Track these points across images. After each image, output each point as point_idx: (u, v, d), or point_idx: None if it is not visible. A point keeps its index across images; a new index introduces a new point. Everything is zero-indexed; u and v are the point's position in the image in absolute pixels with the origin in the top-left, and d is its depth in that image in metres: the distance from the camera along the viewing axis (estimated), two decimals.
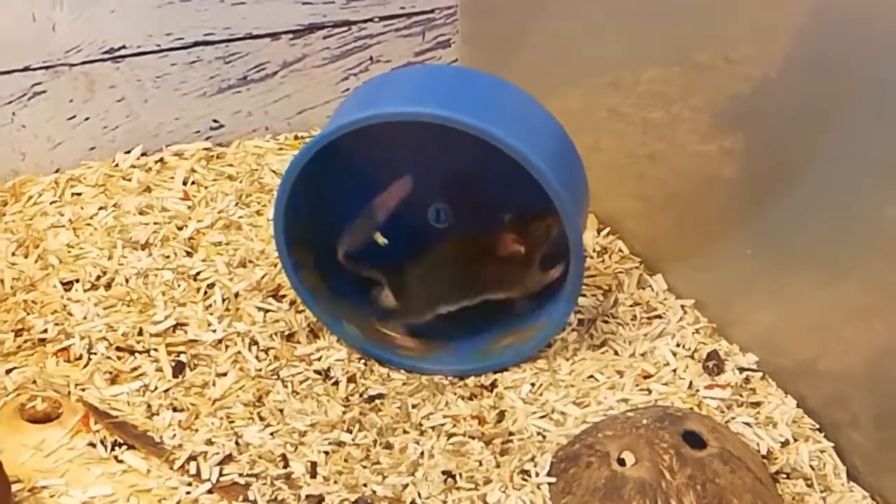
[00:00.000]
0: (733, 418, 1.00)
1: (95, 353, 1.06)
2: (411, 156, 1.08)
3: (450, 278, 1.08)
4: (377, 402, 1.04)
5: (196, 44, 1.35)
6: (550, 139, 1.02)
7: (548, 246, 1.07)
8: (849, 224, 0.96)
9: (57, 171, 1.33)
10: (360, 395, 1.04)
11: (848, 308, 0.99)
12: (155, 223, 1.24)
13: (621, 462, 0.91)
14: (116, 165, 1.34)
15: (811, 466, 0.96)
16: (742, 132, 1.07)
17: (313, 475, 0.95)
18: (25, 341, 1.08)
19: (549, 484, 0.93)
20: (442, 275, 1.08)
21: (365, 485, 0.94)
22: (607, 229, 1.27)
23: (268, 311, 1.13)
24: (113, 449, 0.96)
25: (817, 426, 1.01)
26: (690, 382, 1.05)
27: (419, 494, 0.93)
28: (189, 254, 1.20)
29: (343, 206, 1.10)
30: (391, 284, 1.09)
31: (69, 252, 1.19)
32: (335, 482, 0.94)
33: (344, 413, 1.01)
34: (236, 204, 1.28)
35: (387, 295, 1.09)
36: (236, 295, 1.14)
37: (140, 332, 1.09)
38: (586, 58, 1.26)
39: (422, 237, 1.11)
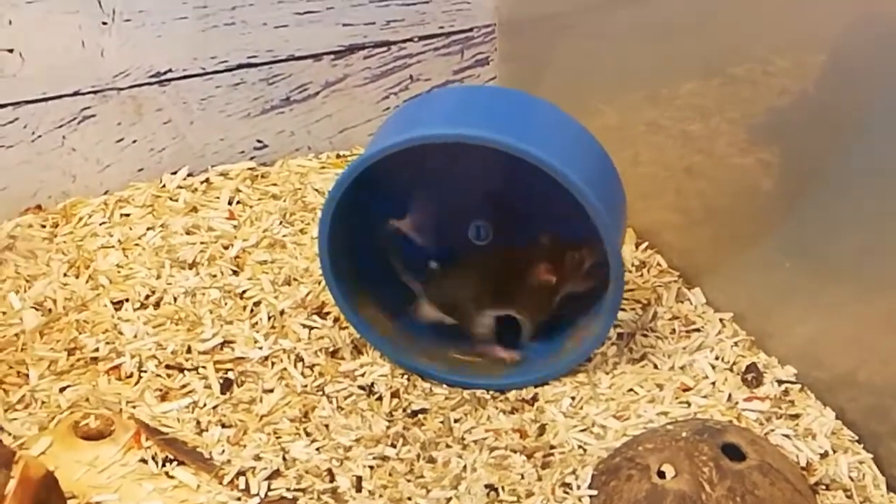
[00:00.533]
0: (772, 430, 1.01)
1: (146, 371, 1.09)
2: (451, 174, 1.10)
3: (479, 289, 1.10)
4: (420, 416, 1.05)
5: (240, 66, 1.38)
6: (588, 155, 1.03)
7: (576, 282, 1.08)
8: (886, 236, 0.96)
9: (106, 193, 1.36)
10: (404, 410, 1.06)
11: (886, 320, 0.99)
12: (202, 243, 1.26)
13: (661, 475, 0.92)
14: (163, 186, 1.37)
15: (850, 478, 0.97)
16: (779, 145, 1.08)
17: (359, 489, 0.97)
18: (78, 360, 1.10)
19: (591, 497, 0.95)
20: (472, 285, 1.10)
21: (409, 498, 0.96)
22: (646, 243, 1.28)
23: (312, 328, 1.15)
24: (164, 465, 0.98)
25: (856, 438, 1.01)
26: (729, 395, 1.05)
27: None
28: (235, 272, 1.23)
29: (383, 225, 1.12)
30: (428, 295, 1.11)
31: (119, 272, 1.22)
32: (380, 496, 0.96)
33: (388, 428, 1.03)
34: (280, 223, 1.31)
35: (422, 306, 1.11)
36: (282, 312, 1.16)
37: (188, 350, 1.11)
38: (623, 73, 1.27)
39: (463, 254, 1.13)
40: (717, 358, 1.10)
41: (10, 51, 1.26)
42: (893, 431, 0.99)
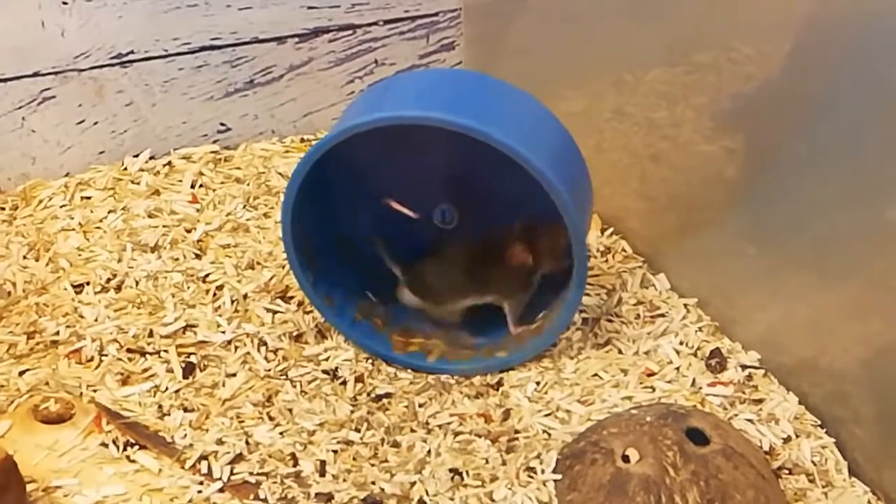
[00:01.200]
0: (736, 415, 1.01)
1: (107, 355, 1.08)
2: (415, 157, 1.10)
3: (458, 277, 1.09)
4: (384, 401, 1.05)
5: (203, 48, 1.36)
6: (553, 140, 1.03)
7: (553, 261, 1.08)
8: (849, 224, 0.97)
9: (66, 175, 1.34)
10: (368, 395, 1.06)
11: (848, 307, 1.00)
12: (164, 226, 1.25)
13: (626, 459, 0.92)
14: (125, 169, 1.36)
15: (813, 462, 0.98)
16: (744, 132, 1.09)
17: (322, 474, 0.96)
18: (38, 343, 1.09)
19: (555, 481, 0.95)
20: (451, 273, 1.09)
21: (373, 483, 0.95)
22: (611, 229, 1.28)
23: (276, 312, 1.14)
24: (125, 449, 0.97)
25: (819, 422, 1.02)
26: (693, 380, 1.06)
27: (427, 492, 0.94)
28: (198, 256, 1.22)
29: (347, 209, 1.12)
30: (407, 281, 1.11)
31: (79, 255, 1.21)
32: (344, 480, 0.95)
33: (352, 412, 1.03)
34: (244, 206, 1.30)
35: (403, 291, 1.11)
36: (245, 296, 1.16)
37: (150, 334, 1.10)
38: (589, 59, 1.27)
39: (428, 238, 1.12)
40: (681, 343, 1.11)
41: None
42: (855, 416, 1.00)
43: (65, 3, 1.27)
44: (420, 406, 1.04)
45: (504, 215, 1.09)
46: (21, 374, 1.05)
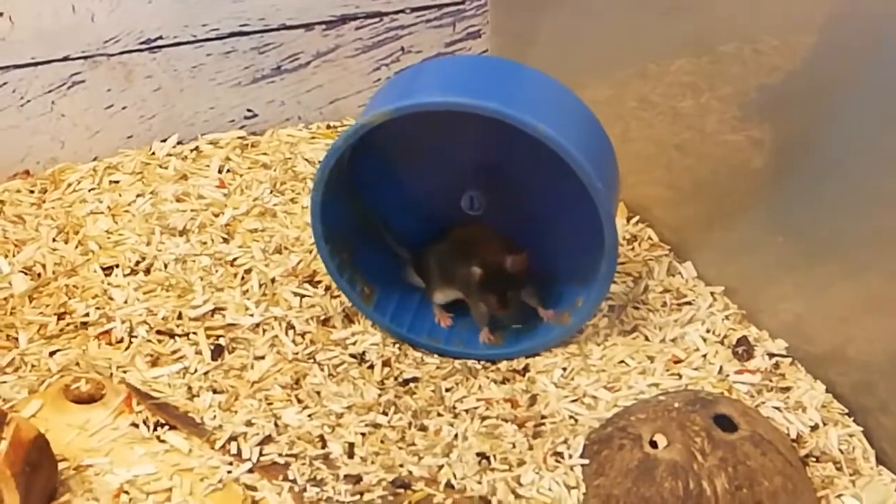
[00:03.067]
0: (763, 403, 1.02)
1: (136, 337, 1.08)
2: (444, 144, 1.10)
3: (455, 268, 1.10)
4: (411, 385, 1.05)
5: (231, 34, 1.37)
6: (584, 127, 1.03)
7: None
8: (875, 215, 0.97)
9: (95, 160, 1.35)
10: (395, 379, 1.06)
11: (875, 298, 1.00)
12: (192, 210, 1.26)
13: (653, 444, 0.92)
14: (153, 154, 1.37)
15: (840, 450, 0.98)
16: (769, 122, 1.09)
17: (351, 455, 0.97)
18: (68, 324, 1.10)
19: (583, 465, 0.95)
20: (451, 262, 1.10)
21: (401, 465, 0.95)
22: (637, 217, 1.28)
23: (304, 296, 1.15)
24: (155, 429, 0.98)
25: (846, 411, 1.02)
26: (720, 367, 1.06)
27: (454, 475, 0.95)
28: (226, 240, 1.22)
29: (375, 194, 1.12)
30: (414, 263, 1.12)
31: (108, 238, 1.22)
32: (372, 463, 0.96)
33: (379, 396, 1.03)
34: (271, 192, 1.31)
35: (410, 272, 1.13)
36: (273, 280, 1.16)
37: (179, 317, 1.11)
38: (615, 49, 1.27)
39: (455, 224, 1.13)
40: (708, 331, 1.11)
41: (0, 14, 1.25)
42: (882, 405, 1.00)
43: None
44: (447, 391, 1.05)
45: (533, 206, 1.10)
46: (52, 354, 1.06)
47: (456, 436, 0.99)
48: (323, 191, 1.04)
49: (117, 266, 1.18)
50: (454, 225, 1.12)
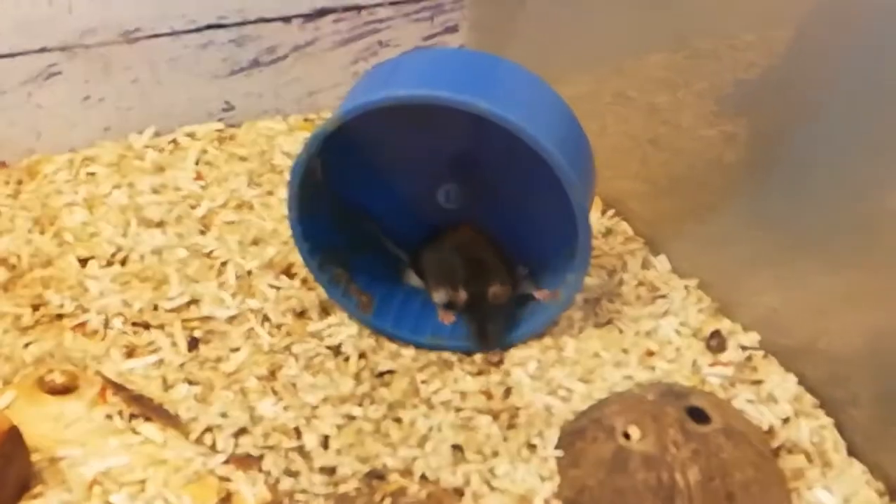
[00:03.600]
0: (736, 395, 1.02)
1: (112, 328, 1.08)
2: (421, 136, 1.10)
3: (459, 265, 1.10)
4: (387, 377, 1.06)
5: (209, 27, 1.37)
6: (559, 121, 1.04)
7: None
8: (850, 210, 0.97)
9: (71, 151, 1.34)
10: (371, 371, 1.06)
11: (849, 291, 1.00)
12: (169, 202, 1.26)
13: (627, 436, 0.93)
14: (130, 145, 1.36)
15: (812, 442, 0.98)
16: (745, 117, 1.09)
17: (326, 447, 0.97)
18: (43, 316, 1.09)
19: (557, 457, 0.96)
20: (453, 260, 1.11)
21: (376, 457, 0.96)
22: (612, 211, 1.29)
23: (280, 288, 1.15)
24: (130, 421, 0.98)
25: (818, 403, 1.03)
26: (694, 360, 1.07)
27: (429, 466, 0.95)
28: (202, 232, 1.22)
29: (351, 187, 1.12)
30: (412, 260, 1.12)
31: (84, 229, 1.21)
32: (347, 454, 0.96)
33: (355, 388, 1.03)
34: (248, 184, 1.30)
35: (409, 273, 1.13)
36: (249, 272, 1.16)
37: (155, 308, 1.11)
38: (592, 44, 1.28)
39: (433, 218, 1.13)
40: (681, 324, 1.11)
41: None
42: (853, 398, 1.00)
43: None
44: (422, 383, 1.05)
45: (509, 199, 1.10)
46: (26, 345, 1.05)
47: (431, 428, 0.99)
48: (300, 181, 1.03)
49: (93, 258, 1.17)
50: (438, 222, 1.13)
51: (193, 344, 1.07)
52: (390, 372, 1.06)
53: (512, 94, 1.02)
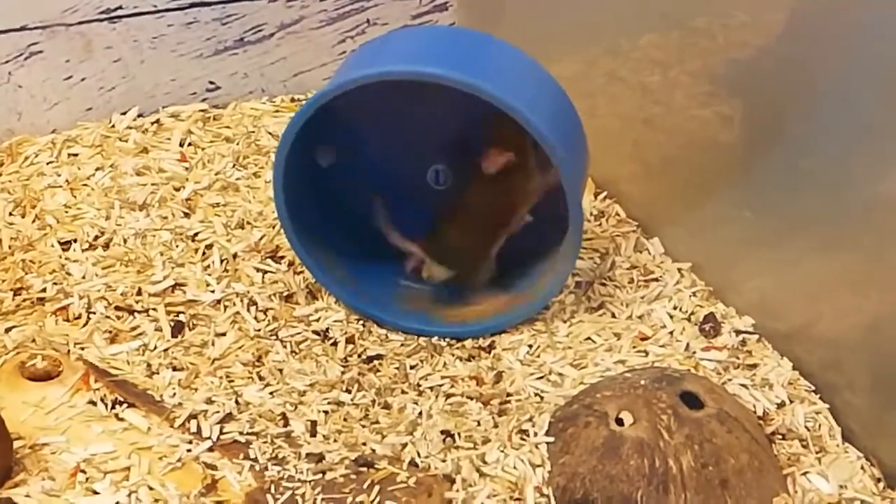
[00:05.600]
0: (730, 380, 1.01)
1: (94, 313, 1.06)
2: (409, 117, 1.09)
3: (478, 222, 1.08)
4: (375, 362, 1.04)
5: (193, 5, 1.35)
6: (550, 100, 1.02)
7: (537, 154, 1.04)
8: (845, 192, 0.96)
9: (53, 132, 1.32)
10: (359, 356, 1.05)
11: (844, 274, 0.99)
12: (152, 184, 1.24)
13: (619, 422, 0.92)
14: (113, 126, 1.34)
15: (806, 427, 0.97)
16: (739, 98, 1.08)
17: (313, 434, 0.95)
18: (24, 300, 1.08)
19: (548, 443, 0.94)
20: (472, 224, 1.07)
21: (364, 444, 0.94)
22: (604, 193, 1.27)
23: (266, 272, 1.13)
24: (113, 407, 0.96)
25: (813, 388, 1.01)
26: (687, 344, 1.05)
27: (418, 453, 0.94)
28: (187, 215, 1.20)
29: (340, 169, 1.10)
30: (430, 252, 1.08)
31: (66, 212, 1.20)
32: (335, 441, 0.95)
33: (343, 373, 1.02)
34: (233, 166, 1.29)
35: (430, 266, 1.08)
36: (234, 256, 1.15)
37: (139, 292, 1.09)
38: (584, 23, 1.26)
39: (425, 200, 1.11)
40: (675, 308, 1.10)
41: None
42: (849, 383, 0.99)
43: None
44: (411, 368, 1.04)
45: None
46: (7, 330, 1.04)
47: (420, 414, 0.98)
48: (286, 161, 1.01)
49: (75, 241, 1.15)
50: (428, 204, 1.11)
51: (178, 329, 1.05)
52: (379, 357, 1.05)
53: (501, 71, 1.01)
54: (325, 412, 0.98)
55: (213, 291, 1.10)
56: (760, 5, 1.02)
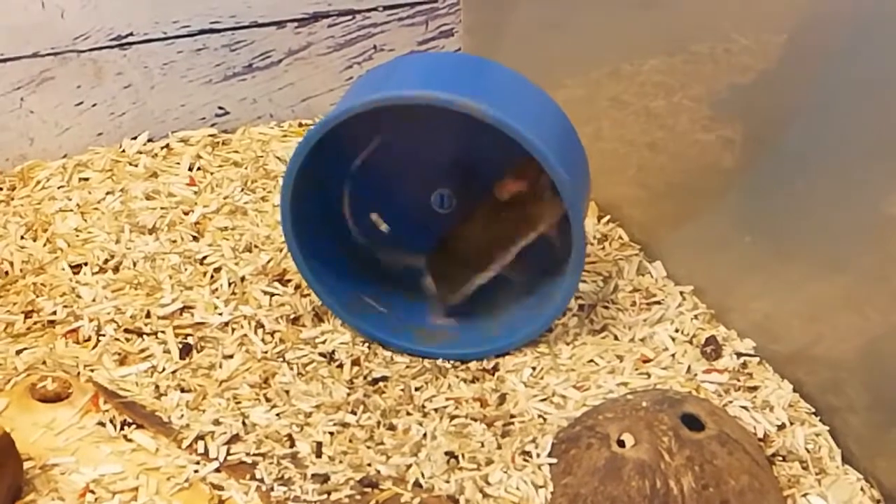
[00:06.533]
0: (731, 402, 1.02)
1: (104, 335, 1.08)
2: (413, 142, 1.10)
3: (480, 244, 1.09)
4: (381, 384, 1.05)
5: (202, 31, 1.36)
6: (554, 125, 1.03)
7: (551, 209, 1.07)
8: (845, 215, 0.97)
9: (64, 157, 1.34)
10: (364, 378, 1.06)
11: (843, 297, 1.00)
12: (162, 208, 1.26)
13: (621, 444, 0.92)
14: (123, 151, 1.36)
15: (807, 449, 0.98)
16: (741, 122, 1.09)
17: (319, 455, 0.96)
18: (35, 323, 1.09)
19: (550, 465, 0.95)
20: (472, 243, 1.09)
21: (369, 465, 0.95)
22: (607, 217, 1.28)
23: (273, 294, 1.14)
24: (122, 428, 0.98)
25: (813, 410, 1.02)
26: (689, 367, 1.06)
27: (423, 474, 0.95)
28: (195, 238, 1.22)
29: (345, 193, 1.12)
30: (430, 267, 1.11)
31: (77, 236, 1.21)
32: (340, 462, 0.96)
33: (348, 395, 1.03)
34: (241, 190, 1.30)
35: (430, 281, 1.11)
36: (242, 279, 1.16)
37: (148, 315, 1.11)
38: (587, 48, 1.27)
39: (428, 224, 1.12)
40: (676, 330, 1.11)
41: None
42: (849, 405, 1.00)
43: None
44: (416, 390, 1.05)
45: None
46: (18, 352, 1.05)
47: (425, 435, 0.99)
48: (293, 187, 1.03)
49: (86, 264, 1.17)
50: (427, 227, 1.12)
51: (186, 351, 1.07)
52: (384, 379, 1.06)
53: (506, 97, 1.02)
54: (331, 433, 0.99)
55: (220, 314, 1.11)
56: (762, 29, 1.03)
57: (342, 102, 1.04)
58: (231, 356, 1.07)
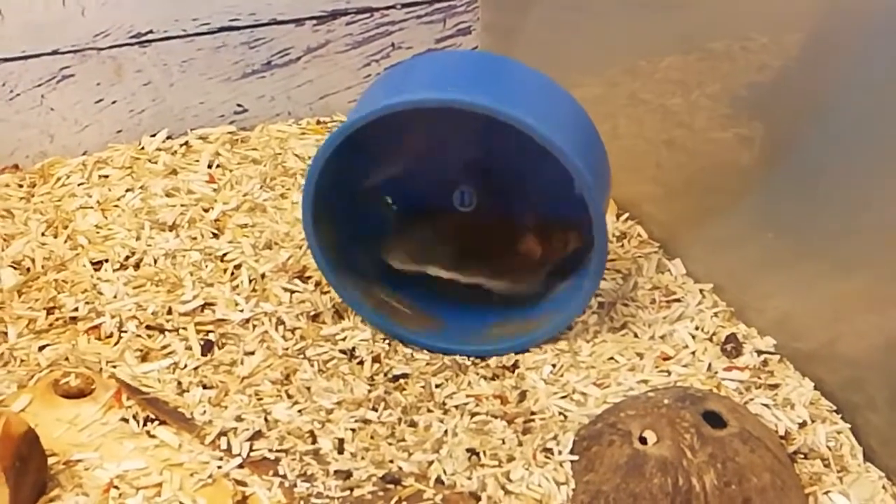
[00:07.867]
0: (752, 399, 1.02)
1: (126, 332, 1.08)
2: (435, 140, 1.10)
3: (458, 246, 1.10)
4: (401, 381, 1.05)
5: (221, 29, 1.37)
6: (575, 124, 1.03)
7: (561, 261, 1.10)
8: (865, 213, 0.97)
9: (84, 154, 1.35)
10: (385, 375, 1.06)
11: (864, 295, 1.00)
12: (182, 205, 1.26)
13: (643, 441, 0.93)
14: (142, 148, 1.36)
15: (828, 447, 0.98)
16: (759, 120, 1.09)
17: (341, 451, 0.97)
18: (57, 319, 1.09)
19: (572, 462, 0.95)
20: (454, 240, 1.10)
21: (391, 461, 0.96)
22: (626, 214, 1.28)
23: (294, 291, 1.14)
24: (145, 424, 0.98)
25: (834, 408, 1.02)
26: (709, 365, 1.06)
27: (444, 471, 0.95)
28: (216, 235, 1.22)
29: (366, 189, 1.12)
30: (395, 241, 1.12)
31: (98, 232, 1.21)
32: (362, 458, 0.96)
33: (369, 392, 1.03)
34: (261, 187, 1.30)
35: (391, 251, 1.12)
36: (263, 276, 1.16)
37: (169, 312, 1.11)
38: (605, 46, 1.28)
39: (449, 221, 1.12)
40: (696, 328, 1.11)
41: None
42: (870, 403, 1.00)
43: None
44: (436, 387, 1.05)
45: (523, 204, 1.10)
46: (41, 349, 1.05)
47: (446, 432, 0.99)
48: (315, 185, 1.03)
49: (107, 261, 1.17)
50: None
51: (208, 347, 1.07)
52: (405, 376, 1.06)
53: (526, 96, 1.02)
54: (353, 430, 0.99)
55: (241, 311, 1.11)
56: (780, 27, 1.03)
57: (361, 104, 1.04)
58: (252, 353, 1.07)
